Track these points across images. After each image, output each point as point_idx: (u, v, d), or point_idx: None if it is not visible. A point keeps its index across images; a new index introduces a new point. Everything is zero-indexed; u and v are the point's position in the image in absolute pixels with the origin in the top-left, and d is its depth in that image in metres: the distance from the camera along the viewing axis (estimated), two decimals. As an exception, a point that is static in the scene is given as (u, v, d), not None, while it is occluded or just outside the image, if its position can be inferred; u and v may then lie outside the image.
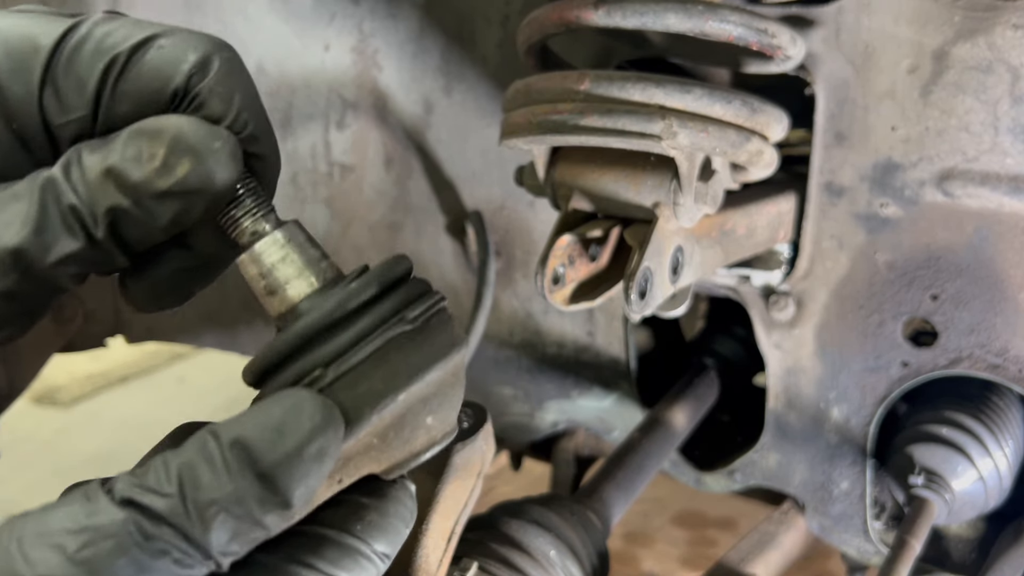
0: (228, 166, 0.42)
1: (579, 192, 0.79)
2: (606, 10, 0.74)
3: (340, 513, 0.43)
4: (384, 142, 1.18)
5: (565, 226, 0.78)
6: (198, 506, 0.36)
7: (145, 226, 0.42)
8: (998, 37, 0.82)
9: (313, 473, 0.38)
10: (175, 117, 0.42)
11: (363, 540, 0.42)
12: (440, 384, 0.45)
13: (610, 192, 0.78)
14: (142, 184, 0.40)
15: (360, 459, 0.43)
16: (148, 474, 0.37)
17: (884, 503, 1.03)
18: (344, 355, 0.41)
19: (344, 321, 0.42)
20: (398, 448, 0.44)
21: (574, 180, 0.79)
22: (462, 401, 0.49)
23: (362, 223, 1.23)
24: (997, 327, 0.89)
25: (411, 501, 0.45)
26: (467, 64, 1.10)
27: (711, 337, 1.28)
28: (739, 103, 0.74)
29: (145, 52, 0.43)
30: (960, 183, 0.87)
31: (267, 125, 0.47)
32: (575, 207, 0.80)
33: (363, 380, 0.41)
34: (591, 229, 0.78)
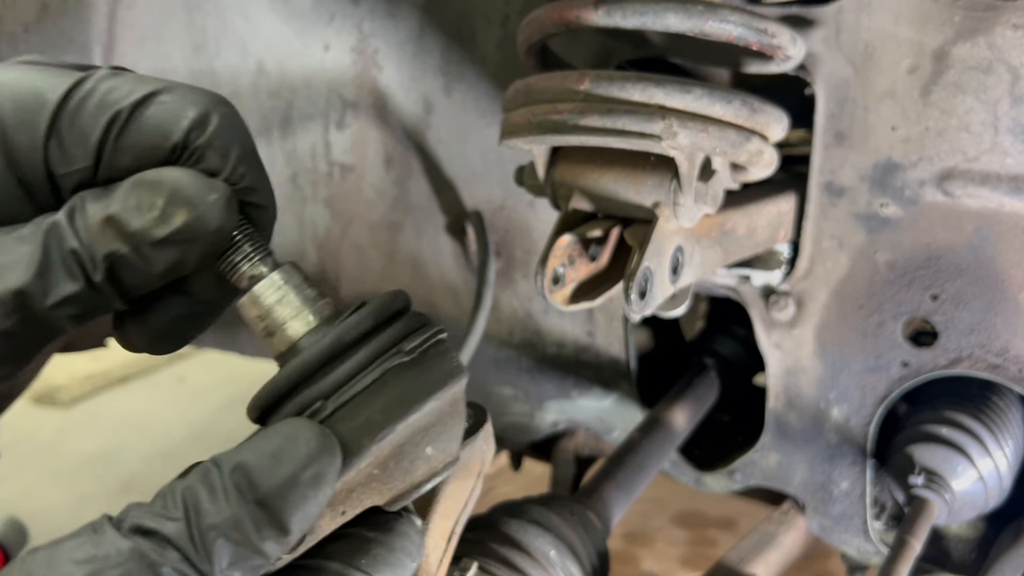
0: (223, 216, 0.44)
1: (579, 192, 0.79)
2: (606, 10, 0.74)
3: (345, 547, 0.43)
4: (384, 142, 1.18)
5: (565, 226, 0.78)
6: (200, 530, 0.37)
7: (142, 272, 0.43)
8: (998, 37, 0.82)
9: (310, 499, 0.39)
10: (174, 170, 0.44)
11: (368, 574, 0.43)
12: (439, 414, 0.45)
13: (610, 192, 0.78)
14: (140, 232, 0.42)
15: (362, 490, 0.43)
16: (155, 502, 0.38)
17: (884, 503, 1.03)
18: (342, 387, 0.42)
19: (342, 355, 0.43)
20: (399, 478, 0.44)
21: (574, 180, 0.79)
22: (463, 430, 0.49)
23: (362, 223, 1.23)
24: (997, 327, 0.89)
25: (417, 536, 0.46)
26: (467, 64, 1.10)
27: (711, 337, 1.28)
28: (739, 103, 0.74)
29: (146, 107, 0.44)
30: (960, 183, 0.87)
31: (263, 176, 0.49)
32: (575, 207, 0.80)
33: (362, 411, 0.42)
34: (591, 229, 0.78)
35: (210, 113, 0.45)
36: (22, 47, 0.91)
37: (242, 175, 0.46)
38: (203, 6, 1.13)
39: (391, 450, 0.43)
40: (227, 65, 1.13)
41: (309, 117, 1.18)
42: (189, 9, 1.17)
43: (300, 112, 1.19)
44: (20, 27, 0.91)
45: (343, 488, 0.42)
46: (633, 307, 0.72)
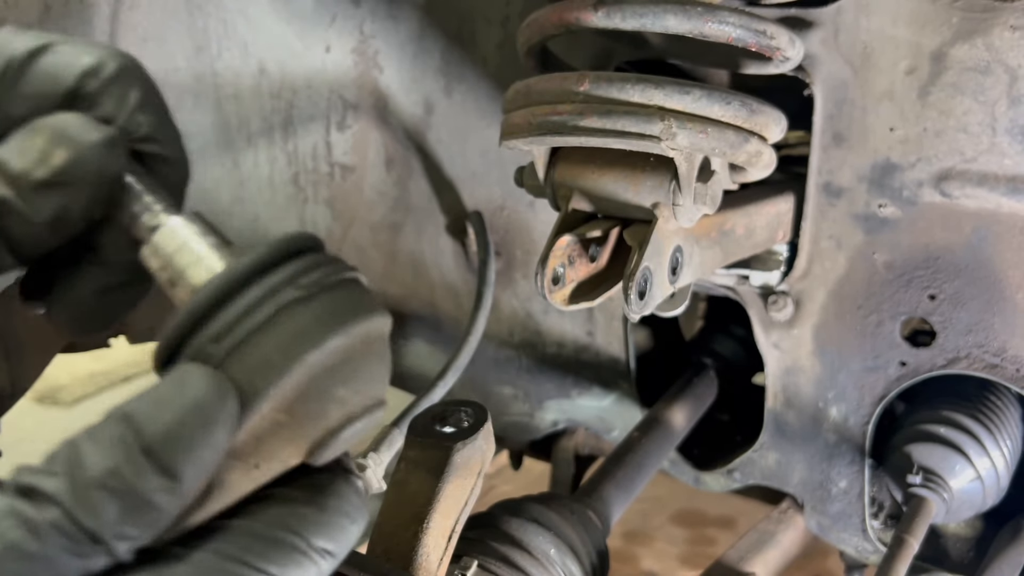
0: (105, 157, 0.42)
1: (579, 192, 0.80)
2: (606, 11, 0.74)
3: (269, 507, 0.40)
4: (385, 143, 1.18)
5: (565, 226, 0.78)
6: (82, 484, 0.34)
7: (29, 221, 0.42)
8: (996, 38, 0.82)
9: (200, 444, 0.36)
10: (61, 114, 0.43)
11: (297, 534, 0.39)
12: (348, 352, 0.42)
13: (609, 192, 0.78)
14: (21, 174, 0.41)
15: (273, 440, 0.40)
16: (42, 461, 0.36)
17: (882, 502, 1.03)
18: (234, 328, 0.39)
19: (235, 295, 0.40)
20: (311, 424, 0.41)
21: (574, 180, 0.80)
22: (388, 375, 0.45)
23: (363, 223, 1.23)
24: (995, 327, 0.89)
25: (356, 496, 0.43)
26: (467, 65, 1.10)
27: (710, 337, 1.29)
28: (738, 104, 0.75)
29: (41, 56, 0.44)
30: (958, 184, 0.87)
31: (170, 127, 0.47)
32: (575, 207, 0.80)
33: (256, 351, 0.39)
34: (591, 229, 0.79)
35: (105, 61, 0.44)
36: (25, 48, 0.92)
37: (140, 123, 0.45)
38: (205, 7, 1.13)
39: (294, 392, 0.40)
40: (229, 66, 1.14)
41: (310, 118, 1.19)
42: (191, 10, 1.17)
43: (301, 113, 1.19)
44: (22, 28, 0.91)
45: (249, 437, 0.39)
46: (632, 307, 0.73)
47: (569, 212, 0.80)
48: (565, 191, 0.81)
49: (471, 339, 1.04)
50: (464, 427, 0.74)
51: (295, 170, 1.23)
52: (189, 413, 0.36)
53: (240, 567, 0.37)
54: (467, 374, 1.07)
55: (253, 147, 1.17)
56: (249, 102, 1.17)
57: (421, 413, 0.76)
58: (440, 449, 0.71)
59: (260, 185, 1.21)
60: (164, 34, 1.04)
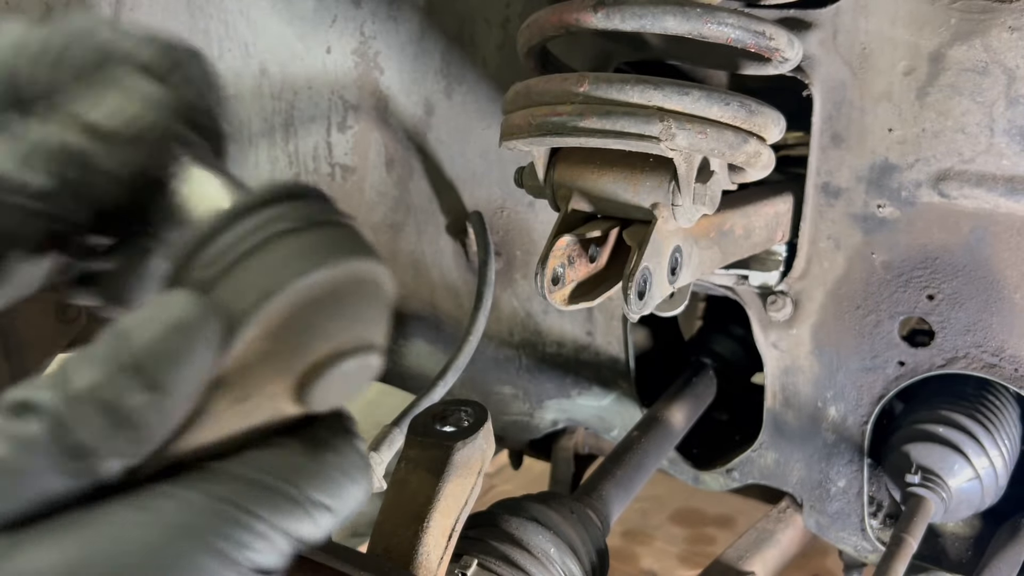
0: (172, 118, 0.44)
1: (578, 193, 0.80)
2: (605, 13, 0.74)
3: (264, 453, 0.39)
4: (385, 143, 1.18)
5: (565, 226, 0.79)
6: (70, 396, 0.34)
7: (112, 176, 0.42)
8: (994, 39, 0.82)
9: (185, 358, 0.36)
10: (126, 72, 0.44)
11: (291, 483, 0.38)
12: (336, 286, 0.41)
13: (609, 193, 0.78)
14: (102, 127, 0.42)
15: (260, 369, 0.40)
16: (37, 379, 0.35)
17: (881, 501, 1.03)
18: (224, 255, 0.39)
19: (229, 226, 0.40)
20: (297, 355, 0.40)
21: (573, 181, 0.80)
22: (382, 322, 0.44)
23: (363, 224, 1.24)
24: (993, 327, 0.90)
25: (357, 455, 0.41)
26: (467, 66, 1.10)
27: (709, 336, 1.29)
28: (737, 105, 0.75)
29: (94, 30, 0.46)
30: (956, 184, 0.87)
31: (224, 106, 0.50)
32: (574, 208, 0.80)
33: (241, 275, 0.39)
34: (590, 229, 0.79)
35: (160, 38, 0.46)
36: (26, 49, 0.92)
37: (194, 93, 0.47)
38: (206, 9, 1.14)
39: (280, 318, 0.39)
40: (230, 67, 1.14)
41: (311, 119, 1.19)
42: (192, 12, 1.18)
43: (302, 114, 1.19)
44: (24, 29, 0.92)
45: (236, 365, 0.38)
46: (632, 307, 0.73)
47: (569, 212, 0.80)
48: (565, 191, 0.81)
49: (471, 339, 1.04)
50: (464, 427, 0.74)
51: (296, 171, 1.23)
52: (171, 330, 0.36)
53: (230, 508, 0.36)
54: (467, 374, 1.08)
55: (254, 148, 1.17)
56: (250, 103, 1.17)
57: (421, 412, 0.76)
58: (440, 448, 0.72)
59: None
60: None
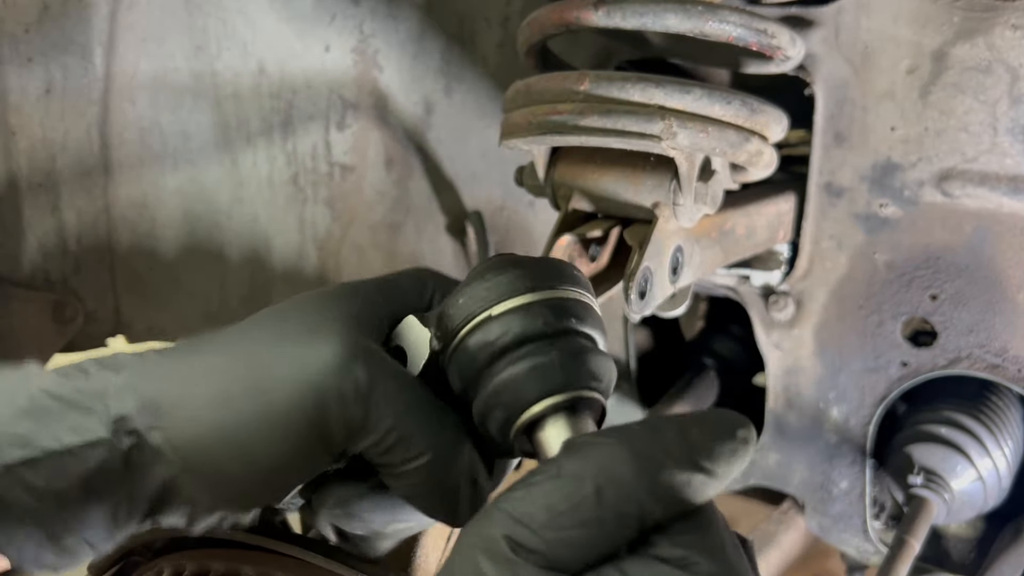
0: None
1: (579, 192, 0.79)
2: (606, 11, 0.74)
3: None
4: (385, 142, 1.18)
5: (565, 226, 0.78)
6: None
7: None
8: (997, 38, 0.82)
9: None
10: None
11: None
12: None
13: (610, 192, 0.78)
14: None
15: None
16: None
17: (883, 503, 1.03)
18: None
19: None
20: None
21: (574, 180, 0.79)
22: None
23: (363, 223, 1.23)
24: (996, 327, 0.89)
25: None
26: (467, 65, 1.10)
27: (711, 337, 1.28)
28: (739, 103, 0.75)
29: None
30: (959, 183, 0.87)
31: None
32: (575, 207, 0.80)
33: None
34: (591, 229, 0.79)
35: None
36: (23, 48, 0.91)
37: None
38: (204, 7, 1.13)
39: None
40: (228, 66, 1.13)
41: (310, 118, 1.18)
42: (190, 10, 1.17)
43: (301, 113, 1.19)
44: (21, 28, 0.91)
45: None
46: (633, 307, 0.72)
47: (569, 212, 0.80)
48: (565, 191, 0.80)
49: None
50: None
51: (294, 170, 1.23)
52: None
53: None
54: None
55: (252, 147, 1.17)
56: (248, 102, 1.17)
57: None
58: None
59: (259, 185, 1.20)
60: (163, 34, 1.03)
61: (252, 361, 0.47)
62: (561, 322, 0.48)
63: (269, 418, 0.46)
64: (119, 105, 0.99)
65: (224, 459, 0.45)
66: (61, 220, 0.98)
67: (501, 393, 0.47)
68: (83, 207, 0.99)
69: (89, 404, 0.45)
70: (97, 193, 1.00)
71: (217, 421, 0.45)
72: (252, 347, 0.48)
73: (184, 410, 0.46)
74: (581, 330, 0.49)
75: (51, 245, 0.98)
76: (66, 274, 1.00)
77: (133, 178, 1.03)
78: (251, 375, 0.46)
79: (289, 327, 0.48)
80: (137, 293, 1.06)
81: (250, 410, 0.46)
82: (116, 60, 0.99)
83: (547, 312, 0.47)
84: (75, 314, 1.02)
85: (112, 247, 1.03)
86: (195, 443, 0.45)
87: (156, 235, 1.06)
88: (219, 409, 0.46)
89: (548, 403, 0.46)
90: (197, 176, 1.08)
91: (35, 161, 0.94)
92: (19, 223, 0.95)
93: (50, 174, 0.96)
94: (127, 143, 1.01)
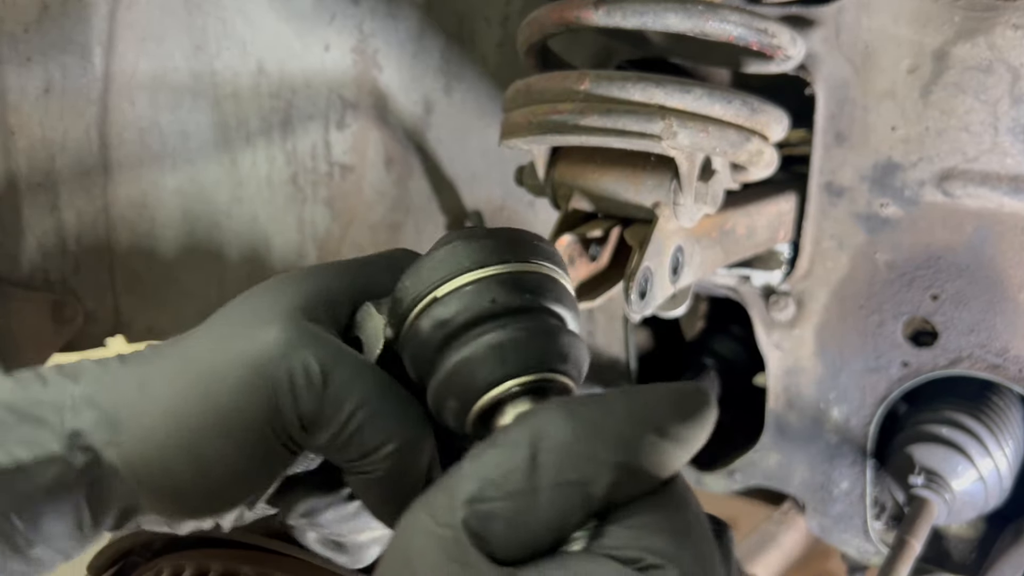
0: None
1: (579, 192, 0.79)
2: (606, 10, 0.73)
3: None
4: (384, 142, 1.18)
5: (565, 226, 0.78)
6: None
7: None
8: (998, 37, 0.82)
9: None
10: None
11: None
12: None
13: (610, 192, 0.77)
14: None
15: None
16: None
17: (884, 503, 1.03)
18: None
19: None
20: None
21: (574, 180, 0.79)
22: None
23: (362, 223, 1.23)
24: (997, 327, 0.89)
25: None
26: (467, 64, 1.10)
27: (711, 337, 1.28)
28: (739, 103, 0.74)
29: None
30: (960, 183, 0.87)
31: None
32: (575, 207, 0.80)
33: None
34: (591, 229, 0.78)
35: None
36: (22, 47, 0.91)
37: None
38: (203, 6, 1.13)
39: None
40: (227, 65, 1.13)
41: (309, 117, 1.18)
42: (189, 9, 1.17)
43: (300, 112, 1.19)
44: (20, 27, 0.91)
45: None
46: (633, 307, 0.72)
47: (569, 211, 0.79)
48: (565, 190, 0.80)
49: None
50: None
51: (294, 169, 1.23)
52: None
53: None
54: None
55: (252, 146, 1.16)
56: (248, 101, 1.16)
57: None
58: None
59: (259, 185, 1.20)
60: (162, 33, 1.03)
61: (200, 366, 0.44)
62: (517, 299, 0.43)
63: (218, 423, 0.43)
64: (118, 105, 0.99)
65: (180, 472, 0.43)
66: (60, 220, 0.98)
67: (453, 379, 0.42)
68: (82, 207, 0.99)
69: (44, 416, 0.43)
70: (96, 193, 1.00)
71: (171, 433, 0.43)
72: (200, 351, 0.45)
73: (140, 424, 0.43)
74: (544, 307, 0.44)
75: (50, 245, 0.98)
76: (65, 274, 0.99)
77: (132, 178, 1.02)
78: (200, 380, 0.43)
79: (235, 322, 0.45)
80: (136, 293, 1.05)
81: (200, 417, 0.43)
82: (115, 60, 0.98)
83: (499, 289, 0.43)
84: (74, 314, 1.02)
85: (111, 247, 1.03)
86: (150, 459, 0.43)
87: (155, 235, 1.06)
88: (172, 420, 0.43)
89: (504, 387, 0.42)
90: (196, 176, 1.08)
91: (34, 161, 0.94)
92: (18, 223, 0.95)
93: (49, 174, 0.96)
94: (126, 143, 1.01)
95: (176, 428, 0.43)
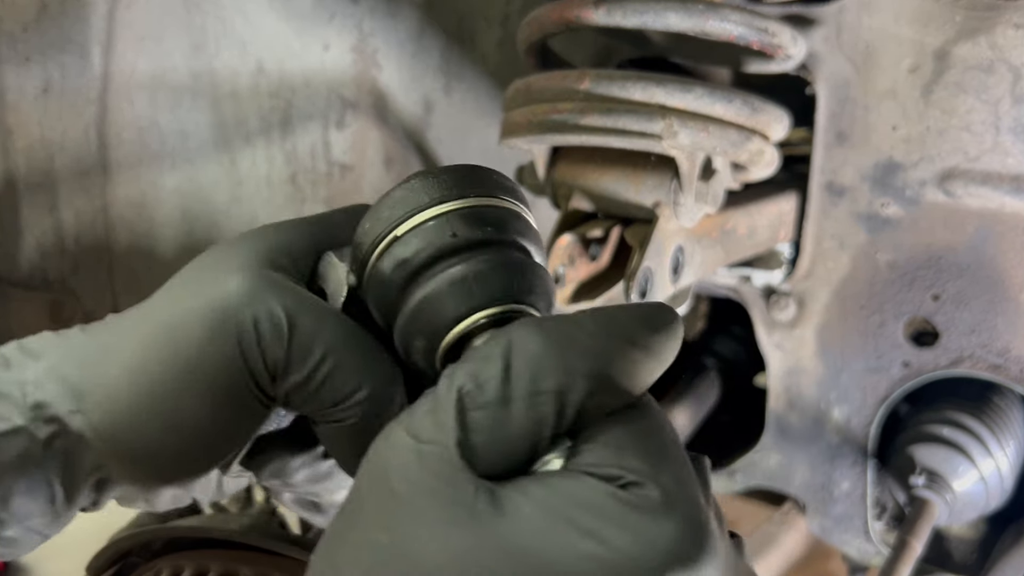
0: None
1: (579, 192, 0.79)
2: (606, 9, 0.73)
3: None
4: (384, 142, 1.17)
5: (565, 226, 0.78)
6: None
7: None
8: (999, 36, 0.81)
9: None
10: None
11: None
12: None
13: (610, 192, 0.77)
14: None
15: None
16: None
17: (885, 504, 1.02)
18: None
19: None
20: None
21: (574, 180, 0.79)
22: None
23: (362, 223, 1.23)
24: (998, 327, 0.89)
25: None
26: (467, 64, 1.09)
27: (712, 337, 1.28)
28: (740, 102, 0.74)
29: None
30: (961, 183, 0.86)
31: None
32: (575, 207, 0.80)
33: None
34: (591, 229, 0.78)
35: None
36: (21, 47, 0.91)
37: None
38: (202, 6, 1.12)
39: None
40: (227, 65, 1.13)
41: (309, 117, 1.18)
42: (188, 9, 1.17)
43: (300, 112, 1.18)
44: (19, 27, 0.91)
45: None
46: (634, 307, 0.72)
47: (569, 211, 0.79)
48: (565, 190, 0.80)
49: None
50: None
51: (293, 169, 1.22)
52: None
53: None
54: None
55: (251, 146, 1.16)
56: (247, 101, 1.16)
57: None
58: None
59: (258, 184, 1.20)
60: (161, 32, 1.03)
61: (163, 317, 0.43)
62: (479, 232, 0.42)
63: (185, 375, 0.42)
64: (117, 104, 0.99)
65: (151, 433, 0.42)
66: (59, 220, 0.98)
67: (418, 317, 0.41)
68: (81, 207, 0.99)
69: (6, 391, 0.42)
70: (95, 192, 1.00)
71: (137, 391, 0.42)
72: (162, 305, 0.44)
73: (104, 386, 0.42)
74: (507, 239, 0.43)
75: (49, 245, 0.97)
76: (64, 274, 0.99)
77: (131, 177, 1.02)
78: (163, 332, 0.43)
79: (196, 276, 0.45)
80: (135, 293, 1.05)
81: (166, 371, 0.42)
82: (114, 59, 0.98)
83: (460, 223, 0.42)
84: (73, 314, 1.01)
85: (110, 247, 1.02)
86: (118, 421, 0.42)
87: (154, 235, 1.06)
88: (137, 377, 0.42)
89: (471, 320, 0.40)
90: (195, 175, 1.08)
91: (33, 160, 0.94)
92: (17, 223, 0.95)
93: (48, 173, 0.95)
94: (125, 142, 1.01)
95: (141, 384, 0.42)
